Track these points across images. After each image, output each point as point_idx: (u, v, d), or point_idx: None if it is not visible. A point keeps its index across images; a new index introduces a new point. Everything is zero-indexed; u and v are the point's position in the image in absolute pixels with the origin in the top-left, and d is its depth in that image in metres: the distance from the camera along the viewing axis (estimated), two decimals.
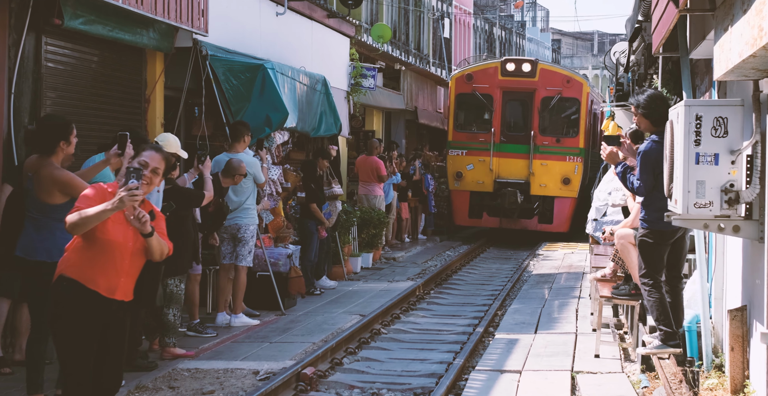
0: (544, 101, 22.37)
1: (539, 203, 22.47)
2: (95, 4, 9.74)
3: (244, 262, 11.12)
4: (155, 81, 11.80)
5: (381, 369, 9.75)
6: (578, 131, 22.46)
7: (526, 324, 11.81)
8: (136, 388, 8.15)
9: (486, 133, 22.54)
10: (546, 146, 22.32)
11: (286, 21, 15.34)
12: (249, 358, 9.41)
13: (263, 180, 11.28)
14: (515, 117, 22.87)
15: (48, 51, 9.73)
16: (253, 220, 11.17)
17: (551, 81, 22.49)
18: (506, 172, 22.42)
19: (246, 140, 11.28)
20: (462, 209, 22.87)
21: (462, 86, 22.96)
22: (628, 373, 9.02)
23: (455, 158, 22.78)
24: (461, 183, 22.60)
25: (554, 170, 22.32)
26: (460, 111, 23.23)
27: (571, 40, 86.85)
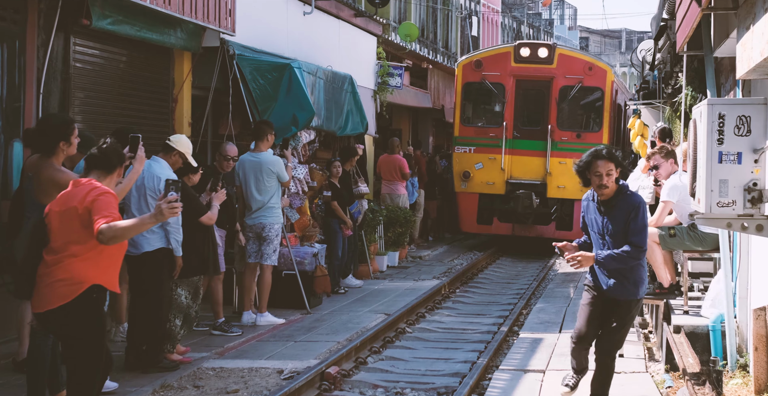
0: (562, 91, 19.67)
1: (557, 207, 19.75)
2: (123, 4, 9.83)
3: (269, 261, 11.18)
4: (183, 80, 11.89)
5: (405, 368, 9.78)
6: (601, 125, 19.79)
7: (551, 323, 11.80)
8: (161, 387, 8.22)
9: (497, 128, 19.82)
10: (565, 142, 19.55)
11: (313, 20, 15.39)
12: (273, 357, 9.47)
13: (287, 178, 11.33)
14: (530, 109, 20.07)
15: (76, 51, 9.85)
16: (277, 219, 11.22)
17: (571, 68, 19.76)
18: (520, 171, 19.75)
19: (269, 139, 11.33)
20: (469, 214, 20.13)
21: (470, 74, 20.17)
22: (652, 372, 9.01)
23: (462, 156, 20.03)
24: (469, 184, 19.91)
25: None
26: (467, 102, 20.45)
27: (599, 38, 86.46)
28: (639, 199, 7.07)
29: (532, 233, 19.96)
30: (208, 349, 9.73)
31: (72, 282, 5.60)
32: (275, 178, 11.18)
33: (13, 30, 8.89)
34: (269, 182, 11.15)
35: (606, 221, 7.04)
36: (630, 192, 7.09)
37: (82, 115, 9.99)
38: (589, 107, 19.89)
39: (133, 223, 5.56)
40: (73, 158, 8.18)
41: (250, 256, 11.25)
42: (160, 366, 8.43)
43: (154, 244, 8.44)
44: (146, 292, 8.50)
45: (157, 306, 8.49)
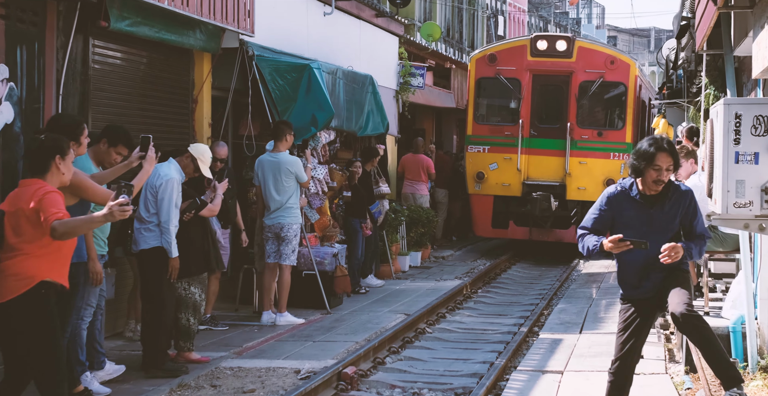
0: (582, 86, 18.44)
1: (577, 210, 18.27)
2: (142, 6, 9.86)
3: (288, 261, 11.20)
4: (203, 81, 11.92)
5: (423, 368, 9.77)
6: (624, 122, 18.52)
7: (572, 324, 11.75)
8: (179, 386, 8.26)
9: (512, 126, 18.59)
10: (585, 141, 18.34)
11: (333, 21, 15.40)
12: (291, 357, 9.48)
13: (306, 179, 11.34)
14: (548, 106, 18.85)
15: (95, 53, 9.89)
16: (296, 220, 11.24)
17: (592, 62, 18.50)
18: (537, 172, 18.56)
19: (288, 139, 11.35)
20: (484, 217, 18.96)
21: (483, 69, 18.93)
22: (671, 374, 8.94)
23: (475, 156, 18.81)
24: (483, 186, 18.70)
25: (595, 170, 18.32)
26: (481, 99, 19.19)
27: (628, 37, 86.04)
28: (686, 187, 6.53)
29: (550, 238, 18.82)
30: (227, 349, 9.76)
31: (22, 277, 5.82)
32: (293, 178, 11.21)
33: (33, 32, 8.93)
34: (288, 182, 11.18)
35: (654, 216, 6.39)
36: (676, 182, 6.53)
37: (101, 116, 10.02)
38: (611, 103, 18.81)
39: (84, 219, 5.88)
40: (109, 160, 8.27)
41: (269, 256, 11.28)
42: (163, 369, 8.37)
43: (150, 243, 8.46)
44: (148, 292, 8.53)
45: (159, 307, 8.46)
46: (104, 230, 7.97)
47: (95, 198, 7.03)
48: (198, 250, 8.97)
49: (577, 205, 18.37)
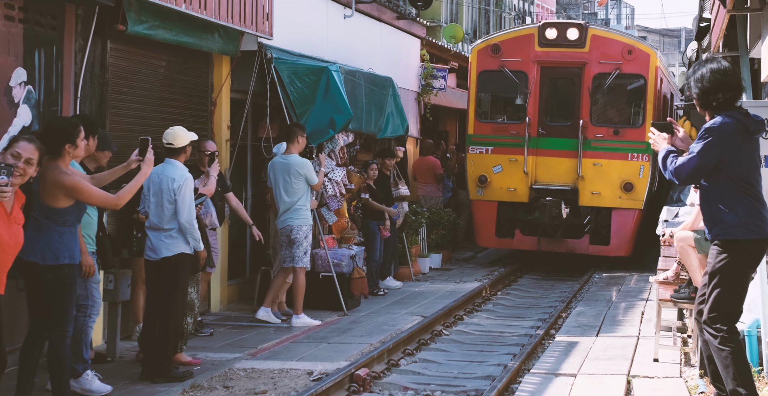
0: (597, 79, 16.76)
1: (591, 217, 16.90)
2: (160, 9, 9.96)
3: (301, 264, 11.23)
4: (221, 84, 12.02)
5: (438, 371, 9.79)
6: (644, 119, 16.64)
7: (589, 326, 11.71)
8: (191, 387, 8.32)
9: (519, 124, 16.97)
10: (600, 140, 16.68)
11: (354, 23, 15.46)
12: (305, 359, 9.52)
13: (316, 181, 11.36)
14: (558, 101, 17.31)
15: (114, 56, 10.00)
16: (305, 221, 11.26)
17: (607, 52, 16.76)
18: (546, 175, 16.89)
19: (300, 141, 11.39)
20: (487, 226, 17.24)
21: (486, 61, 17.22)
22: (686, 378, 8.90)
23: (477, 158, 17.14)
24: (486, 191, 17.03)
25: (612, 173, 16.65)
26: (484, 94, 17.57)
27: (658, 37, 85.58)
28: None
29: (561, 248, 17.12)
30: (242, 350, 9.81)
31: None
32: (303, 180, 11.24)
33: (51, 35, 9.05)
34: (297, 184, 11.22)
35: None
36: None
37: (119, 119, 10.14)
38: (628, 98, 17.08)
39: None
40: (97, 157, 8.31)
41: (284, 260, 11.33)
42: (169, 376, 8.35)
43: (173, 250, 8.46)
44: (164, 299, 8.46)
45: (173, 314, 8.45)
46: (90, 228, 8.04)
47: (91, 200, 7.05)
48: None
49: (591, 211, 16.91)
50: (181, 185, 8.51)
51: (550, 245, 17.08)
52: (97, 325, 9.59)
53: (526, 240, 17.15)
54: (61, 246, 6.87)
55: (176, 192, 8.42)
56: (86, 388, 7.73)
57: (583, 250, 16.99)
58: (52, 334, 6.94)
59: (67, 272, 6.90)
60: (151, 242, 8.48)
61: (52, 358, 6.97)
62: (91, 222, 8.09)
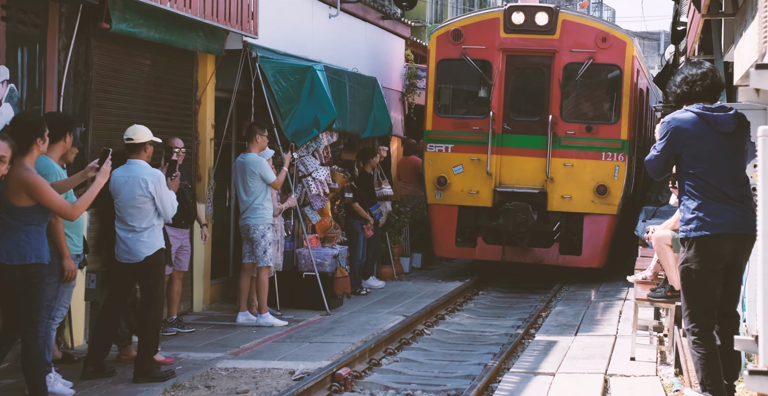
0: (568, 69, 15.19)
1: (561, 224, 15.33)
2: (143, 8, 9.98)
3: (262, 263, 11.23)
4: (206, 83, 12.05)
5: (419, 370, 9.86)
6: (620, 114, 15.20)
7: (568, 326, 11.81)
8: (173, 386, 8.35)
9: (482, 119, 15.30)
10: (572, 138, 15.10)
11: (339, 23, 15.51)
12: (287, 358, 9.56)
13: (272, 179, 11.22)
14: (525, 94, 15.82)
15: (97, 54, 10.01)
16: (262, 220, 11.22)
17: (579, 39, 15.17)
18: (512, 176, 15.35)
19: (259, 140, 11.36)
20: (446, 233, 15.54)
21: (446, 48, 15.55)
22: (662, 376, 9.00)
23: (436, 157, 15.50)
24: (445, 194, 15.38)
25: (584, 174, 15.10)
26: (443, 86, 15.93)
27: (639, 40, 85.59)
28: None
29: (528, 258, 15.43)
30: (224, 350, 9.84)
31: None
32: (258, 178, 11.24)
33: (34, 34, 9.07)
34: (253, 183, 11.22)
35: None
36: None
37: (103, 117, 10.16)
38: (603, 91, 15.62)
39: None
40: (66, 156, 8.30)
41: (244, 256, 11.40)
42: (151, 376, 8.36)
43: (154, 247, 8.44)
44: (147, 299, 8.46)
45: (155, 314, 8.46)
46: (78, 230, 8.04)
47: (50, 204, 6.92)
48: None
49: (561, 217, 15.33)
50: (156, 185, 8.46)
51: (516, 255, 15.40)
52: (79, 325, 9.64)
53: (490, 249, 15.48)
54: (27, 246, 6.80)
55: (153, 193, 8.40)
56: (48, 391, 7.71)
57: (552, 260, 15.40)
58: (24, 335, 6.91)
59: (33, 272, 6.83)
60: (126, 245, 8.42)
61: (25, 358, 6.94)
62: (77, 221, 7.99)
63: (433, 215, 15.68)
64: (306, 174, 12.66)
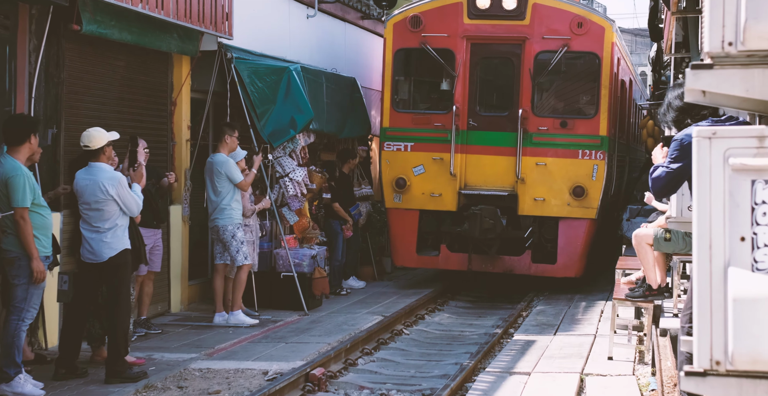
0: (540, 59, 13.74)
1: (534, 230, 13.95)
2: (115, 9, 9.92)
3: (237, 262, 11.17)
4: (181, 84, 11.99)
5: (395, 370, 9.83)
6: (598, 108, 13.71)
7: (548, 325, 11.78)
8: (145, 387, 8.30)
9: (444, 114, 13.88)
10: (545, 134, 13.70)
11: (317, 23, 15.47)
12: (261, 359, 9.52)
13: (238, 180, 11.16)
14: (493, 86, 14.44)
15: (69, 56, 9.94)
16: (230, 221, 11.17)
17: (552, 25, 13.67)
18: (478, 177, 13.92)
19: (228, 141, 11.32)
20: (406, 240, 14.16)
21: (404, 36, 14.04)
22: (638, 376, 8.98)
23: (394, 156, 14.07)
24: (405, 197, 13.99)
25: (558, 174, 13.69)
26: (401, 78, 14.49)
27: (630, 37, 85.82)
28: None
29: (496, 268, 14.02)
30: (198, 350, 9.78)
31: None
32: (225, 179, 11.19)
33: (4, 35, 9.00)
34: (221, 184, 11.18)
35: None
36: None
37: (76, 119, 10.08)
38: (579, 82, 14.08)
39: None
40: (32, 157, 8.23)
41: (216, 257, 11.36)
42: (123, 376, 8.31)
43: (117, 247, 8.42)
44: (115, 299, 8.42)
45: (124, 313, 8.42)
46: (47, 231, 7.99)
47: None
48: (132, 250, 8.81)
49: (534, 222, 13.97)
50: (117, 188, 8.40)
51: (484, 264, 14.01)
52: (53, 327, 9.58)
53: (454, 258, 14.07)
54: None
55: (115, 196, 8.36)
56: (18, 392, 7.63)
57: (523, 269, 14.00)
58: None
59: None
60: (90, 245, 8.41)
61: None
62: (46, 222, 7.99)
63: (392, 221, 14.32)
64: (283, 175, 12.62)
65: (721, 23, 2.88)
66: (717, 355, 2.94)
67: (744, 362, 2.88)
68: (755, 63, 2.93)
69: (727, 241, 2.92)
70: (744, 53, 2.91)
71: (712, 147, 2.92)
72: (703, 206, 2.96)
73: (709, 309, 2.95)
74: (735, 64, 2.97)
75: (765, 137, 2.85)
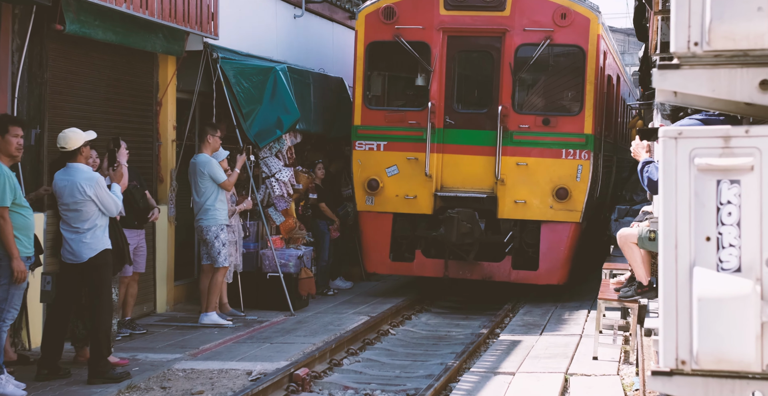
0: (521, 52, 12.89)
1: (514, 234, 13.07)
2: (99, 9, 9.90)
3: (217, 264, 11.17)
4: (167, 84, 11.97)
5: (380, 370, 9.83)
6: (582, 105, 12.86)
7: (534, 325, 11.79)
8: (128, 387, 8.28)
9: (420, 111, 13.02)
10: (526, 132, 12.86)
11: (304, 23, 15.45)
12: (245, 359, 9.50)
13: (221, 180, 11.14)
14: (471, 82, 13.63)
15: (53, 56, 9.92)
16: (214, 222, 11.17)
17: (534, 16, 12.85)
18: (456, 179, 13.10)
19: (210, 141, 11.30)
20: (379, 245, 13.31)
21: (376, 29, 13.21)
22: (623, 375, 8.99)
23: (367, 156, 13.24)
24: (378, 199, 13.15)
25: (541, 175, 12.84)
26: (373, 73, 13.67)
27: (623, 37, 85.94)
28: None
29: (475, 274, 13.17)
30: (183, 351, 9.77)
31: None
32: (208, 179, 11.18)
33: None
34: (203, 184, 11.18)
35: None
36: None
37: (60, 119, 10.05)
38: (562, 77, 13.25)
39: None
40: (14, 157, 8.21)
41: (202, 257, 11.36)
42: (105, 377, 8.30)
43: (97, 248, 8.40)
44: (97, 299, 8.38)
45: (106, 313, 8.39)
46: (28, 232, 7.97)
47: None
48: (115, 250, 8.80)
49: (514, 226, 13.08)
50: (95, 188, 8.38)
51: (461, 271, 13.17)
52: (37, 327, 9.54)
53: (430, 264, 13.21)
54: None
55: (93, 196, 8.34)
56: (0, 392, 7.65)
57: (503, 276, 13.10)
58: None
59: None
60: (70, 246, 8.40)
61: None
62: (28, 223, 7.96)
63: (364, 225, 13.42)
64: (269, 175, 12.61)
65: (687, 23, 2.88)
66: (683, 354, 2.94)
67: (709, 362, 2.88)
68: (722, 63, 2.93)
69: (692, 241, 2.92)
70: (710, 53, 2.91)
71: (678, 147, 2.93)
72: (669, 206, 2.96)
73: (675, 308, 2.95)
74: (702, 64, 2.97)
75: (730, 137, 2.85)
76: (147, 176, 11.63)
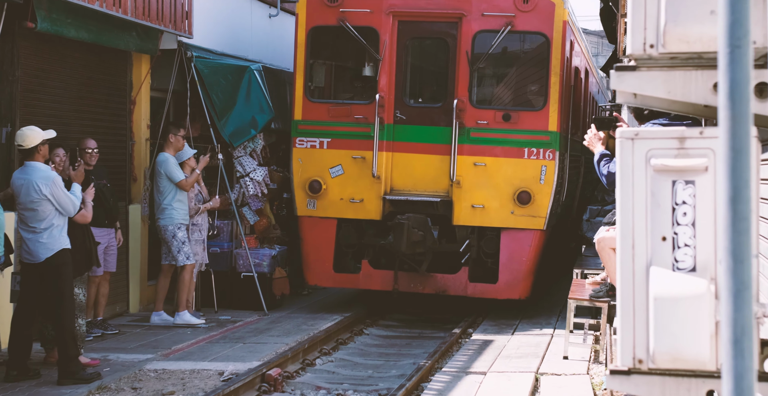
0: (479, 40, 11.68)
1: (471, 242, 11.87)
2: (71, 7, 9.85)
3: (180, 262, 11.16)
4: (141, 83, 11.93)
5: (353, 370, 9.84)
6: (546, 99, 11.64)
7: (506, 325, 11.82)
8: (98, 388, 8.25)
9: (366, 105, 11.84)
10: (484, 129, 11.66)
11: (280, 22, 15.44)
12: (218, 359, 9.49)
13: (177, 179, 11.11)
14: (424, 72, 12.56)
15: (25, 54, 9.87)
16: (170, 221, 11.15)
17: (493, 1, 11.66)
18: (407, 180, 11.92)
19: (173, 140, 11.28)
20: (321, 255, 12.06)
21: (320, 13, 11.96)
22: (593, 375, 9.04)
23: (308, 155, 12.04)
24: (320, 203, 11.96)
25: (501, 176, 11.67)
26: (316, 61, 12.40)
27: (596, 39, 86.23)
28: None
29: (427, 288, 11.90)
30: (155, 351, 9.74)
31: None
32: (166, 178, 11.16)
33: None
34: (161, 183, 11.17)
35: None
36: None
37: (32, 118, 9.98)
38: (524, 68, 12.11)
39: None
40: None
41: (162, 257, 11.36)
42: (75, 378, 8.26)
43: (53, 248, 8.33)
44: (57, 300, 8.33)
45: (68, 313, 8.35)
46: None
47: None
48: (79, 249, 8.77)
49: (472, 233, 11.86)
50: (51, 187, 8.33)
51: (412, 284, 11.92)
52: (6, 327, 9.48)
53: (378, 276, 11.96)
54: None
55: (49, 196, 8.28)
56: None
57: (458, 289, 11.86)
58: None
59: None
60: (27, 246, 8.34)
61: None
62: None
63: (304, 231, 12.11)
64: (244, 174, 12.58)
65: (643, 25, 2.91)
66: (639, 353, 2.97)
67: (665, 360, 2.91)
68: (677, 65, 2.96)
69: (649, 241, 2.95)
70: (666, 55, 2.94)
71: (634, 148, 2.96)
72: (625, 206, 2.99)
73: (632, 308, 2.98)
74: (658, 66, 3.00)
75: (685, 138, 2.88)
76: (120, 175, 11.61)
